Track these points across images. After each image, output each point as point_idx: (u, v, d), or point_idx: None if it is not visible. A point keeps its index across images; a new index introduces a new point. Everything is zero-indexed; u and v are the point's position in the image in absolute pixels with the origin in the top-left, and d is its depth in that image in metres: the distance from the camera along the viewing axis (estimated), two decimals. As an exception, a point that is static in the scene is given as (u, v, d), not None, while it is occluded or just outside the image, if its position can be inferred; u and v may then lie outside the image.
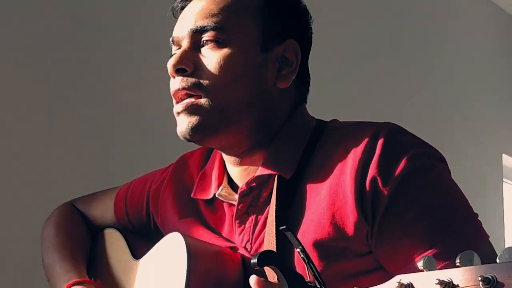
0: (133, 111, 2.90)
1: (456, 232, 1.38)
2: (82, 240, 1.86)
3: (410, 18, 4.48)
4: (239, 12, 1.53)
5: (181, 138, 1.53)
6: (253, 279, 1.28)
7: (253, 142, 1.54)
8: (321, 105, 1.98)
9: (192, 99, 1.50)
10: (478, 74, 5.06)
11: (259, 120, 1.53)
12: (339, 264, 1.42)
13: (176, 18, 1.61)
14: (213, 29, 1.51)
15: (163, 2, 1.77)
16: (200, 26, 1.52)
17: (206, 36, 1.51)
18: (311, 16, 1.63)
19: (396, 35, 4.34)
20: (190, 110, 1.50)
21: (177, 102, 1.52)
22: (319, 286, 1.26)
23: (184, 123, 1.51)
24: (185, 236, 1.52)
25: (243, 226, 1.55)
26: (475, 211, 1.44)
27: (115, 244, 1.81)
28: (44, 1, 2.74)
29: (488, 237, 1.42)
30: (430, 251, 1.35)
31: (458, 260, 1.04)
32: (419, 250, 1.36)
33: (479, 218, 1.43)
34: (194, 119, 1.49)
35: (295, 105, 1.59)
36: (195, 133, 1.50)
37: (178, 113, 1.52)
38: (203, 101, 1.49)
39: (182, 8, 1.60)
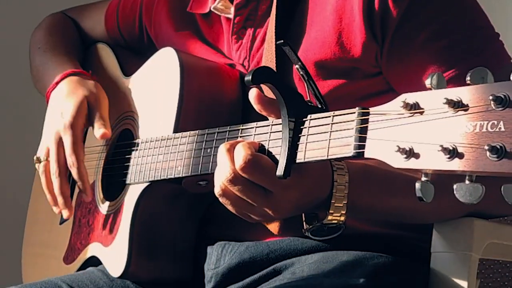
0: None
1: (474, 53, 1.30)
2: (76, 42, 1.81)
3: None
4: None
5: None
6: (252, 93, 1.22)
7: None
8: None
9: None
10: None
11: None
12: (345, 86, 1.37)
13: None
14: None
15: None
16: None
17: None
18: None
19: None
20: None
21: None
22: (319, 106, 1.20)
23: None
24: (178, 51, 1.46)
25: (240, 41, 1.49)
26: (496, 31, 1.35)
27: (105, 60, 1.75)
28: None
29: (511, 59, 1.34)
30: (444, 75, 1.28)
31: (468, 78, 0.96)
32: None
33: (501, 39, 1.35)
34: None
35: None
36: None
37: None
38: None
39: None
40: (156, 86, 1.52)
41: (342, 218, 1.22)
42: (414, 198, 1.11)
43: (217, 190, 1.21)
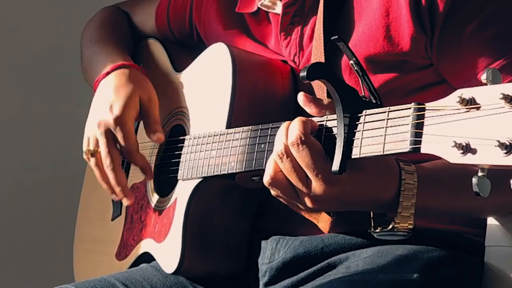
0: None
1: None
2: (127, 35, 1.88)
3: None
4: None
5: None
6: (301, 96, 1.27)
7: None
8: None
9: None
10: None
11: None
12: (397, 79, 1.40)
13: None
14: None
15: None
16: None
17: None
18: None
19: None
20: None
21: None
22: (374, 101, 1.23)
23: None
24: (230, 46, 1.51)
25: (289, 38, 1.53)
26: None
27: (156, 55, 1.80)
28: None
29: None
30: (496, 63, 1.32)
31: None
32: (483, 63, 1.34)
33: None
34: None
35: None
36: None
37: None
38: None
39: None
40: (208, 82, 1.56)
41: (411, 221, 1.24)
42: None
43: (267, 171, 1.24)
